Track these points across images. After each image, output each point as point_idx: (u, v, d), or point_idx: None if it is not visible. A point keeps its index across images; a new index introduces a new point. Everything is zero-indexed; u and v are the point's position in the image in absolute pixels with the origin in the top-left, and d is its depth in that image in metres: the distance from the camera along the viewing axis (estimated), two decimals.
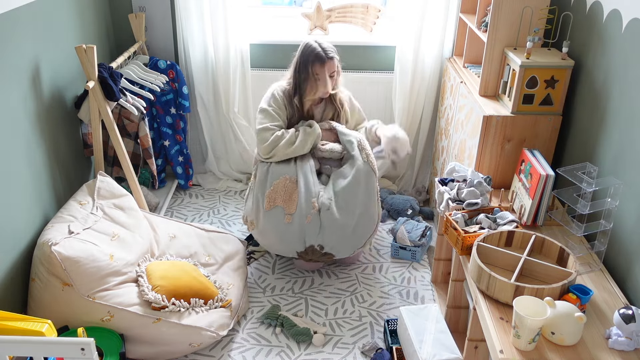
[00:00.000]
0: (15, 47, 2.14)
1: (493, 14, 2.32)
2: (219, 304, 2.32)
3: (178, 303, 2.19)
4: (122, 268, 2.19)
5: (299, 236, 2.47)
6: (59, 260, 1.99)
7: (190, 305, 2.23)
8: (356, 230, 2.49)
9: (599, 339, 1.61)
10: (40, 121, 2.32)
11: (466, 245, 1.98)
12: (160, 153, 3.28)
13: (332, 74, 2.58)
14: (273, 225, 2.49)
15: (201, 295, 2.28)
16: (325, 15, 3.24)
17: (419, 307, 2.20)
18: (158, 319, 2.11)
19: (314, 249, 2.47)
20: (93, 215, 2.29)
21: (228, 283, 2.46)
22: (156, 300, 2.14)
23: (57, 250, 2.00)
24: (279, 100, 2.63)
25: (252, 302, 2.57)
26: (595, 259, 1.95)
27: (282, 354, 2.29)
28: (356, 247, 2.53)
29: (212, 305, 2.30)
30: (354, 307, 2.55)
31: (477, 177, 2.23)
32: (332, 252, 2.49)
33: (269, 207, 2.49)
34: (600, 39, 2.10)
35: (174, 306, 2.17)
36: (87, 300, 2.04)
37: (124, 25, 3.13)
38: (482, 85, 2.46)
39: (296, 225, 2.46)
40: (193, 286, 2.27)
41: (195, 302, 2.24)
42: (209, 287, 2.33)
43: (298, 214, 2.45)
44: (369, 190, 2.49)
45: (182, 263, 2.42)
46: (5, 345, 1.39)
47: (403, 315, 2.15)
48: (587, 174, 1.87)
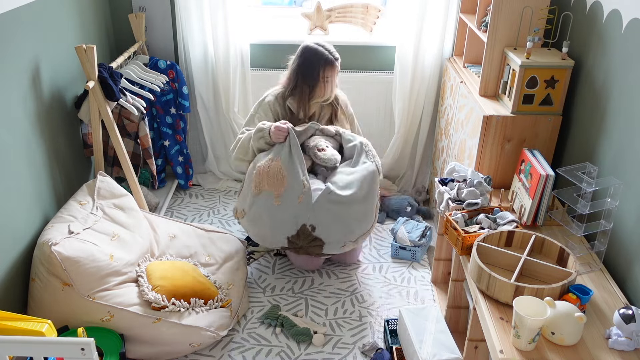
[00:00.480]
0: (16, 47, 2.14)
1: (493, 14, 2.32)
2: (219, 304, 2.32)
3: (178, 303, 2.19)
4: (122, 268, 2.19)
5: (291, 217, 2.41)
6: (59, 260, 1.99)
7: (190, 305, 2.23)
8: (351, 222, 2.44)
9: (599, 339, 1.61)
10: (40, 121, 2.32)
11: (466, 245, 1.98)
12: (160, 153, 3.28)
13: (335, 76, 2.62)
14: (263, 209, 2.44)
15: (201, 295, 2.28)
16: (325, 15, 3.24)
17: (419, 307, 2.20)
18: (158, 319, 2.11)
19: (305, 230, 2.41)
20: (93, 215, 2.29)
21: (228, 283, 2.46)
22: (156, 300, 2.14)
23: (57, 250, 2.00)
24: (266, 105, 2.64)
25: (252, 302, 2.57)
26: (595, 259, 1.95)
27: (282, 354, 2.29)
28: (347, 239, 2.47)
29: (212, 305, 2.30)
30: (354, 307, 2.55)
31: (477, 177, 2.23)
32: (321, 236, 2.42)
33: (257, 192, 2.45)
34: (600, 39, 2.10)
35: (174, 306, 2.17)
36: (87, 300, 2.04)
37: (124, 25, 3.13)
38: (482, 85, 2.46)
39: (287, 207, 2.41)
40: (193, 286, 2.27)
41: (195, 302, 2.24)
42: (209, 287, 2.34)
43: (288, 195, 2.40)
44: (372, 190, 2.49)
45: (182, 263, 2.43)
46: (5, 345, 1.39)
47: (403, 315, 2.15)
48: (587, 174, 1.87)
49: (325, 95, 2.64)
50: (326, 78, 2.58)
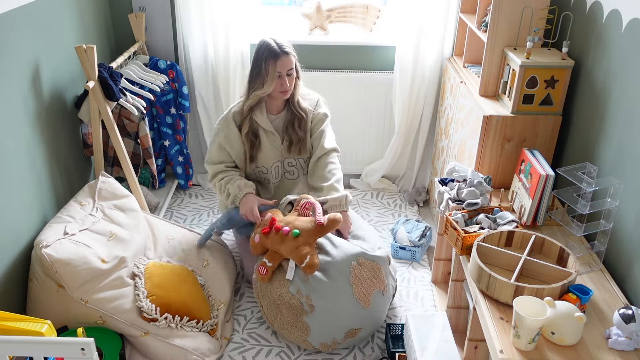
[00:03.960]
0: (16, 47, 2.14)
1: (493, 14, 2.32)
2: (207, 328, 2.25)
3: (169, 318, 2.14)
4: (117, 268, 2.17)
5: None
6: (49, 262, 1.98)
7: (181, 323, 2.17)
8: None
9: (599, 339, 1.61)
10: (40, 121, 2.32)
11: (466, 245, 1.98)
12: (160, 153, 3.28)
13: (288, 71, 2.40)
14: None
15: (194, 314, 2.21)
16: (325, 15, 3.24)
17: (427, 315, 2.18)
18: (146, 332, 2.09)
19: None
20: (92, 216, 2.28)
21: (220, 301, 2.39)
22: (148, 310, 2.11)
23: (47, 253, 1.99)
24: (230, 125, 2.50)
25: (252, 302, 2.57)
26: (595, 259, 1.95)
27: (282, 354, 2.29)
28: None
29: (201, 326, 2.22)
30: None
31: (477, 177, 2.23)
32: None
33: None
34: (600, 39, 2.10)
35: (165, 321, 2.12)
36: (80, 303, 2.03)
37: (124, 25, 3.13)
38: (482, 85, 2.46)
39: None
40: (188, 303, 2.22)
41: (186, 320, 2.19)
42: (202, 305, 2.27)
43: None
44: None
45: (181, 269, 2.38)
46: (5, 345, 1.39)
47: (409, 321, 2.14)
48: (587, 174, 1.87)
49: (267, 91, 2.40)
50: (269, 71, 2.37)
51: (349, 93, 3.27)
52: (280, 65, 2.38)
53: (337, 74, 3.24)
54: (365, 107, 3.30)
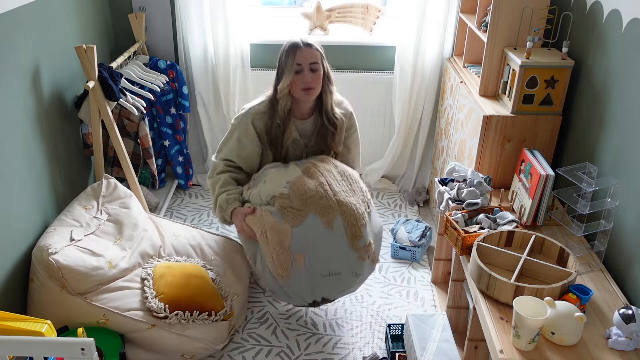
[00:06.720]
0: (16, 47, 2.14)
1: (493, 14, 2.32)
2: (221, 316, 2.25)
3: (180, 314, 2.14)
4: (125, 271, 2.18)
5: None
6: (57, 268, 1.99)
7: (192, 317, 2.17)
8: None
9: (599, 339, 1.61)
10: (40, 121, 2.32)
11: (466, 245, 1.98)
12: (160, 153, 3.28)
13: (313, 65, 2.21)
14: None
15: (205, 308, 2.21)
16: (325, 15, 3.24)
17: (426, 315, 2.18)
18: (153, 325, 2.09)
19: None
20: (96, 219, 2.28)
21: (234, 293, 2.38)
22: (158, 309, 2.12)
23: (55, 259, 2.00)
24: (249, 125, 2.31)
25: (252, 302, 2.57)
26: (595, 259, 1.95)
27: (282, 354, 2.29)
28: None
29: (214, 318, 2.22)
30: (354, 307, 2.54)
31: (477, 177, 2.23)
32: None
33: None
34: (600, 39, 2.10)
35: (176, 317, 2.13)
36: (84, 302, 2.04)
37: (124, 25, 3.13)
38: (482, 85, 2.46)
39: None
40: (198, 298, 2.21)
41: (197, 314, 2.19)
42: (214, 299, 2.26)
43: None
44: None
45: (192, 267, 2.35)
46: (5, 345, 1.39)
47: (409, 321, 2.14)
48: (587, 174, 1.88)
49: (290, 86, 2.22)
50: (291, 65, 2.18)
51: (349, 93, 3.25)
52: (300, 56, 2.18)
53: (337, 74, 3.18)
54: (365, 107, 3.30)
